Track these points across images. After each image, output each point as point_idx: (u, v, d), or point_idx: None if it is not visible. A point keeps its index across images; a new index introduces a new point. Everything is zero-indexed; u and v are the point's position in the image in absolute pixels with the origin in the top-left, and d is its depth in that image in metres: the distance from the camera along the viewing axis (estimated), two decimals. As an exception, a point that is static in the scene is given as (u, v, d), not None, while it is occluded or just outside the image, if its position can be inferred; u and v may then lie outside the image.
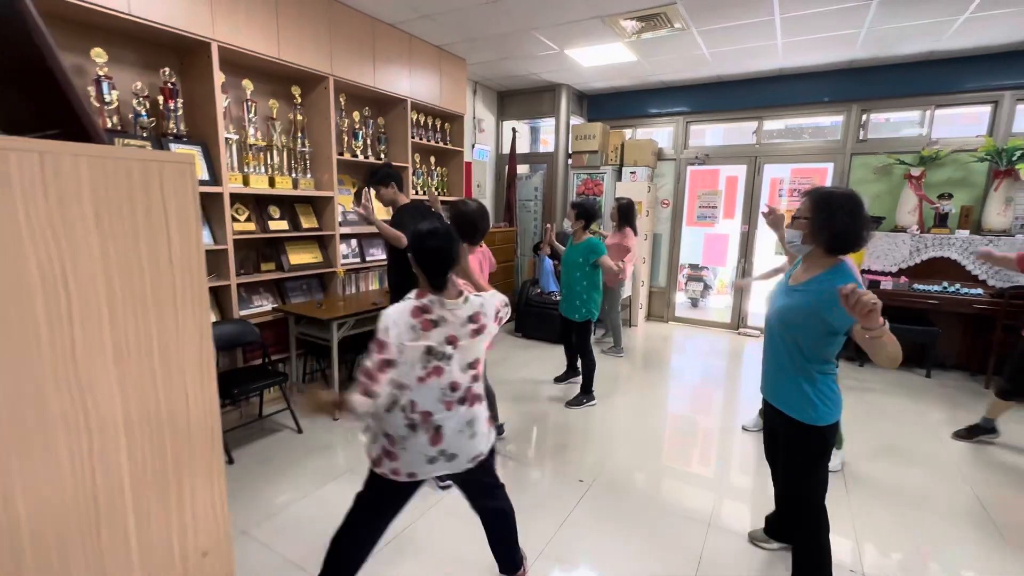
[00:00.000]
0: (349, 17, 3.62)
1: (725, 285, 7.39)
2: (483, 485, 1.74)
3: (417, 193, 4.56)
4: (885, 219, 4.79)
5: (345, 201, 4.04)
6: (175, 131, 2.90)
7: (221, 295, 3.14)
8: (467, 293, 1.57)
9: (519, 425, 3.31)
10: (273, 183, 3.35)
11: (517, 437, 3.16)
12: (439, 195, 4.82)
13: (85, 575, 0.89)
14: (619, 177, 5.98)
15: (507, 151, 6.02)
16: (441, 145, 4.79)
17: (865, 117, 5.04)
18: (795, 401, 1.68)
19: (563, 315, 3.71)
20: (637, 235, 4.45)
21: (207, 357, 1.05)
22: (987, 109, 4.61)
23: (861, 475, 2.77)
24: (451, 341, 1.50)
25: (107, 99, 2.63)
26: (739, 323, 5.90)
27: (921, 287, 4.47)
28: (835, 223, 1.56)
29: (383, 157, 4.24)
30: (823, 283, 1.57)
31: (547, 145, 6.41)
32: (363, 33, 3.75)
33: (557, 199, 6.01)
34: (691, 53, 4.58)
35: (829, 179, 5.26)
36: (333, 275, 3.83)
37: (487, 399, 1.72)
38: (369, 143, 4.13)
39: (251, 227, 3.31)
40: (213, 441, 1.08)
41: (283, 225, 3.51)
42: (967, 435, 3.16)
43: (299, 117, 3.57)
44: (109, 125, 2.64)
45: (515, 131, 6.00)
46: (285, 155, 3.50)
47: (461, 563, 2.02)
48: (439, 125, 4.80)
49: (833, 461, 3.06)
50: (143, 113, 2.78)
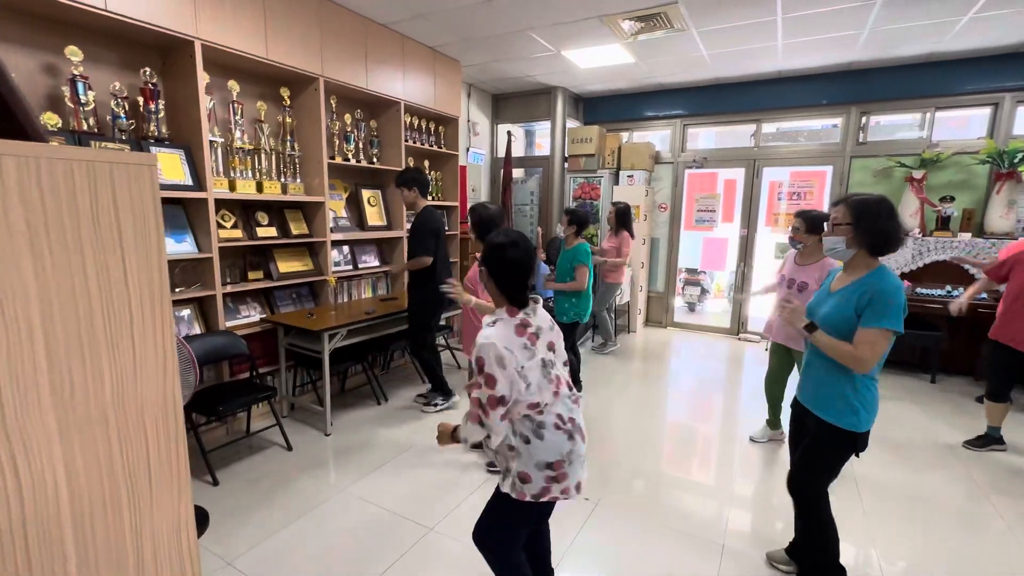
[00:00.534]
0: (340, 17, 3.50)
1: (721, 289, 7.31)
2: None
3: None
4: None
5: (336, 206, 3.90)
6: (156, 134, 2.75)
7: (206, 305, 2.99)
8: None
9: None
10: (261, 188, 3.21)
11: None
12: (433, 200, 4.69)
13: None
14: (616, 181, 5.89)
15: (502, 155, 5.91)
16: (435, 148, 4.67)
17: (864, 119, 4.99)
18: (836, 407, 1.70)
19: (554, 318, 3.63)
20: (634, 239, 4.39)
21: (173, 399, 0.87)
22: (986, 111, 4.57)
23: (874, 481, 2.72)
24: (551, 347, 1.53)
25: (83, 100, 2.48)
26: (739, 328, 5.82)
27: (924, 291, 4.41)
28: (879, 225, 1.62)
29: (375, 161, 4.12)
30: (865, 285, 1.63)
31: (543, 149, 6.30)
32: (355, 33, 3.63)
33: (553, 203, 5.91)
34: (690, 55, 4.50)
35: (828, 182, 5.20)
36: (324, 283, 3.68)
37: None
38: (361, 146, 4.00)
39: (238, 234, 3.17)
40: (181, 512, 0.91)
41: (271, 232, 3.37)
42: (978, 445, 3.12)
43: (288, 119, 3.43)
44: (85, 127, 2.49)
45: (511, 134, 5.89)
46: (274, 159, 3.36)
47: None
48: (433, 128, 4.68)
49: (758, 432, 3.19)
50: (122, 115, 2.63)
